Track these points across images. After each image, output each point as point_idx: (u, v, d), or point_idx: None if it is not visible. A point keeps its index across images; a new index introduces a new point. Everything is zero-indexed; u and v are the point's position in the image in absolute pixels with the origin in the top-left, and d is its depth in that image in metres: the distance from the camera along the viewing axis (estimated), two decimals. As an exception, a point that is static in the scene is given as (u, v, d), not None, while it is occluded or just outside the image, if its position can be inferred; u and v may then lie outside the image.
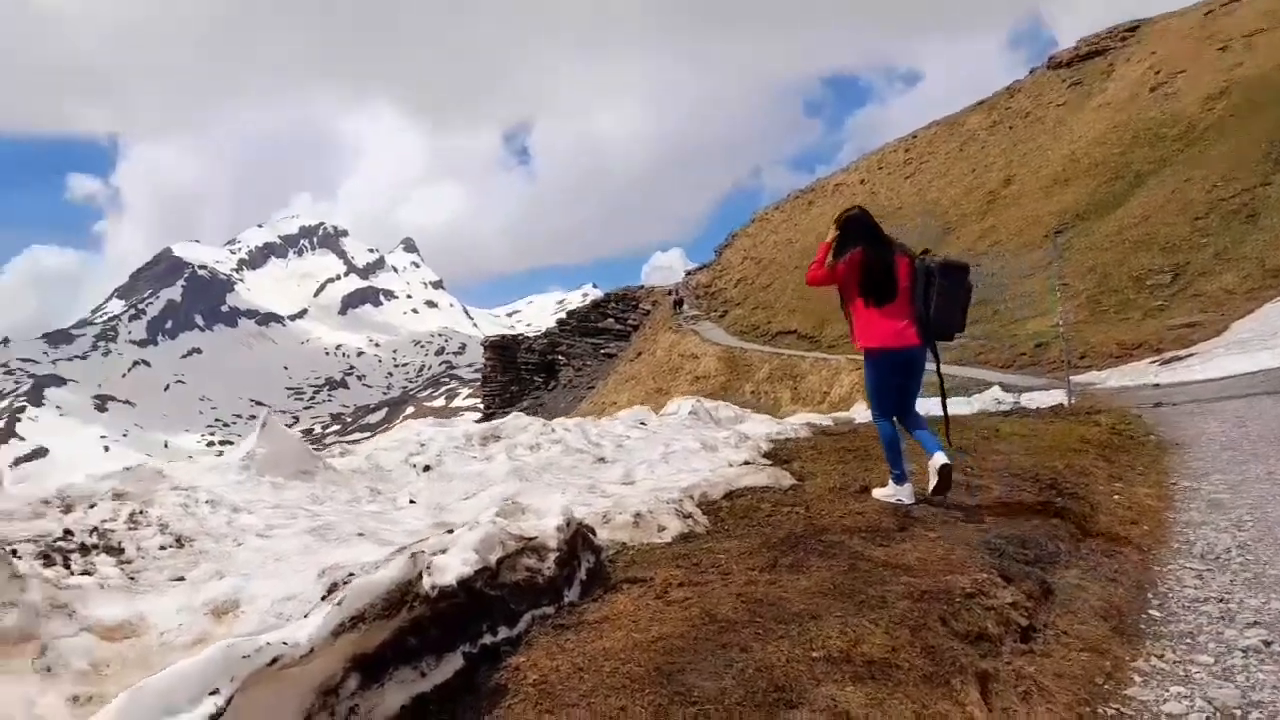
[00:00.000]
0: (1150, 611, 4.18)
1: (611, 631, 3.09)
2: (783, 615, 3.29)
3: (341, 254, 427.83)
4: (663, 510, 4.67)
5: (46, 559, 3.22)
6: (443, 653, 2.76)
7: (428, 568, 2.70)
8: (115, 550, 3.46)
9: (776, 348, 44.64)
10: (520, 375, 78.22)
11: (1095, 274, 30.31)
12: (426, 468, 5.67)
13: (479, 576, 3.07)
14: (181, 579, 3.42)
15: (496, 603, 3.09)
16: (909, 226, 45.97)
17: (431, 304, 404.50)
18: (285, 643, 2.16)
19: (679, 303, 61.82)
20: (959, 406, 14.86)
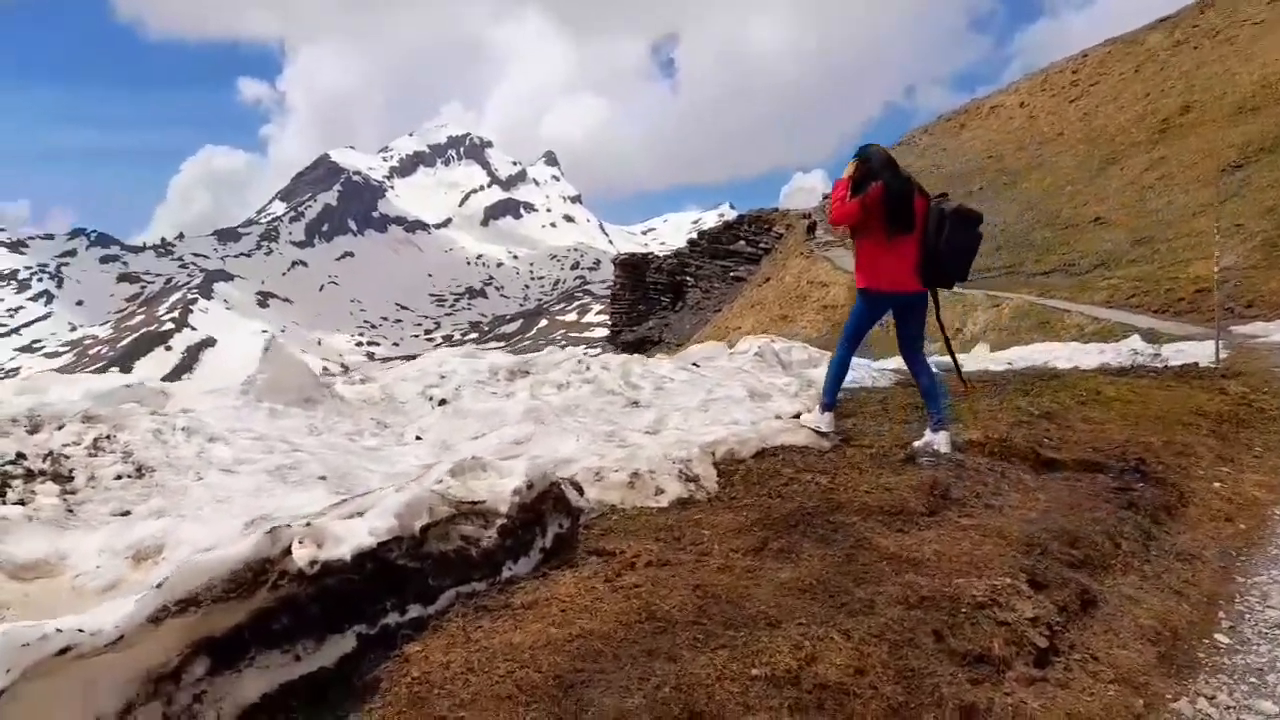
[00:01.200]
0: (1216, 636, 3.51)
1: (531, 621, 2.76)
2: (737, 617, 2.88)
3: (486, 165, 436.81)
4: (665, 470, 4.28)
5: (-18, 486, 3.15)
6: (326, 635, 2.50)
7: (300, 541, 2.42)
8: (64, 478, 3.38)
9: (909, 279, 42.77)
10: (648, 294, 78.12)
11: (1276, 215, 27.12)
12: (443, 401, 5.45)
13: (395, 545, 2.78)
14: (126, 514, 3.31)
15: (414, 576, 2.81)
16: (1069, 154, 42.55)
17: (569, 218, 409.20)
18: (82, 630, 1.93)
19: (812, 227, 60.00)
20: (1089, 356, 13.64)
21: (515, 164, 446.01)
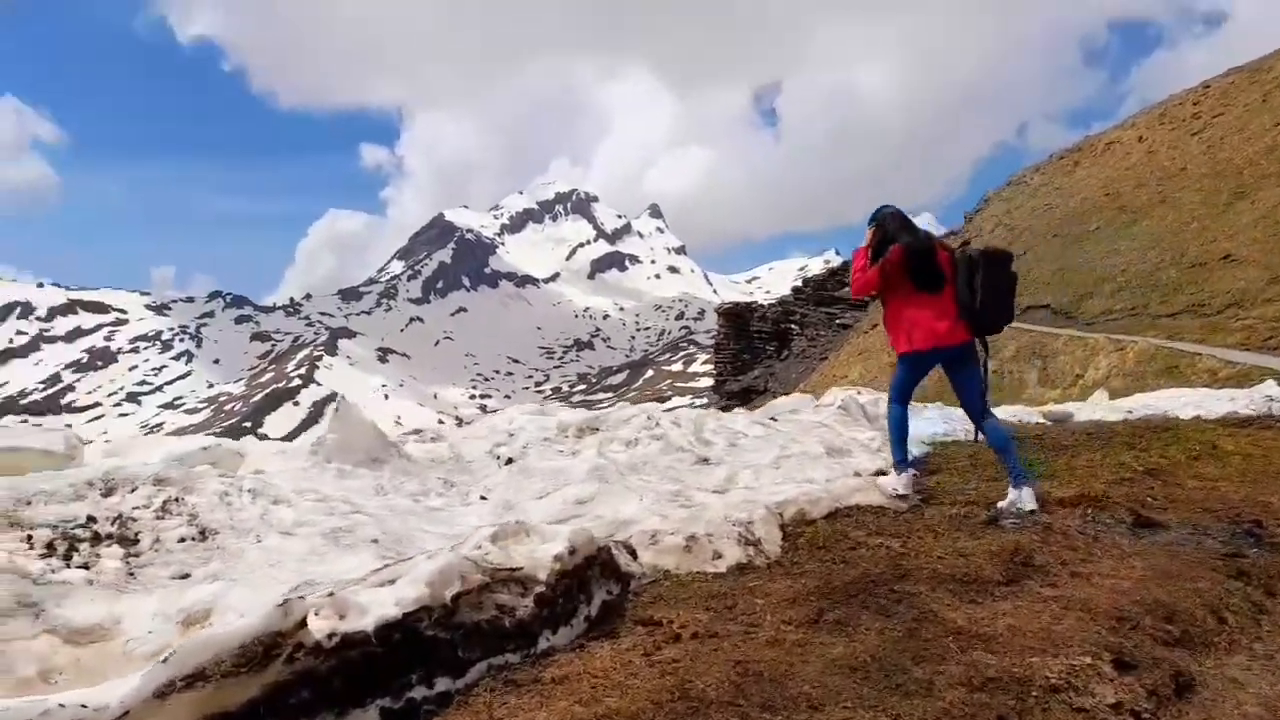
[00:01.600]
0: (1340, 731, 3.10)
1: (559, 698, 2.66)
2: (777, 697, 2.70)
3: (592, 219, 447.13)
4: (724, 534, 4.13)
5: (50, 548, 3.28)
6: (347, 709, 2.47)
7: (318, 612, 2.41)
8: (130, 540, 3.50)
9: (1025, 323, 41.09)
10: (753, 344, 77.65)
11: None
12: (509, 460, 5.46)
13: (424, 615, 2.75)
14: (186, 576, 3.40)
15: (443, 647, 2.77)
16: (1193, 189, 40.35)
17: (674, 269, 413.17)
18: (86, 705, 1.95)
19: (920, 270, 58.61)
20: (1218, 403, 12.70)
21: (620, 217, 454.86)
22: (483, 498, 4.96)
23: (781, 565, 4.01)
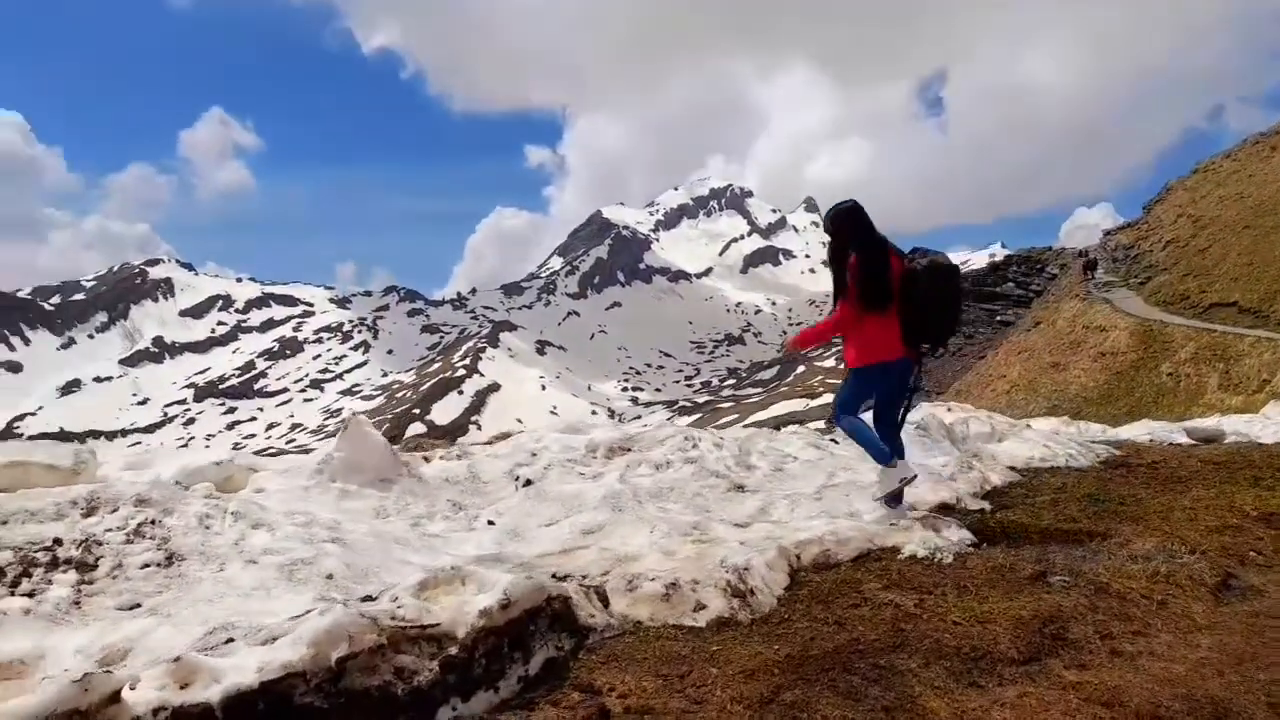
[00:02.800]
0: None
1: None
2: (669, 802, 2.33)
3: (746, 214, 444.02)
4: (712, 580, 3.74)
5: (1, 573, 3.32)
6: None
7: (132, 686, 2.24)
8: (89, 566, 3.50)
9: (1208, 322, 37.47)
10: (905, 340, 74.38)
11: None
12: (528, 482, 5.23)
13: (300, 681, 2.55)
14: (136, 606, 3.37)
15: (319, 719, 2.56)
16: None
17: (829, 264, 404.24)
18: None
19: (1090, 266, 54.71)
20: None
21: (775, 212, 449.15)
22: (490, 522, 4.76)
23: (767, 623, 3.58)
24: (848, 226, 5.06)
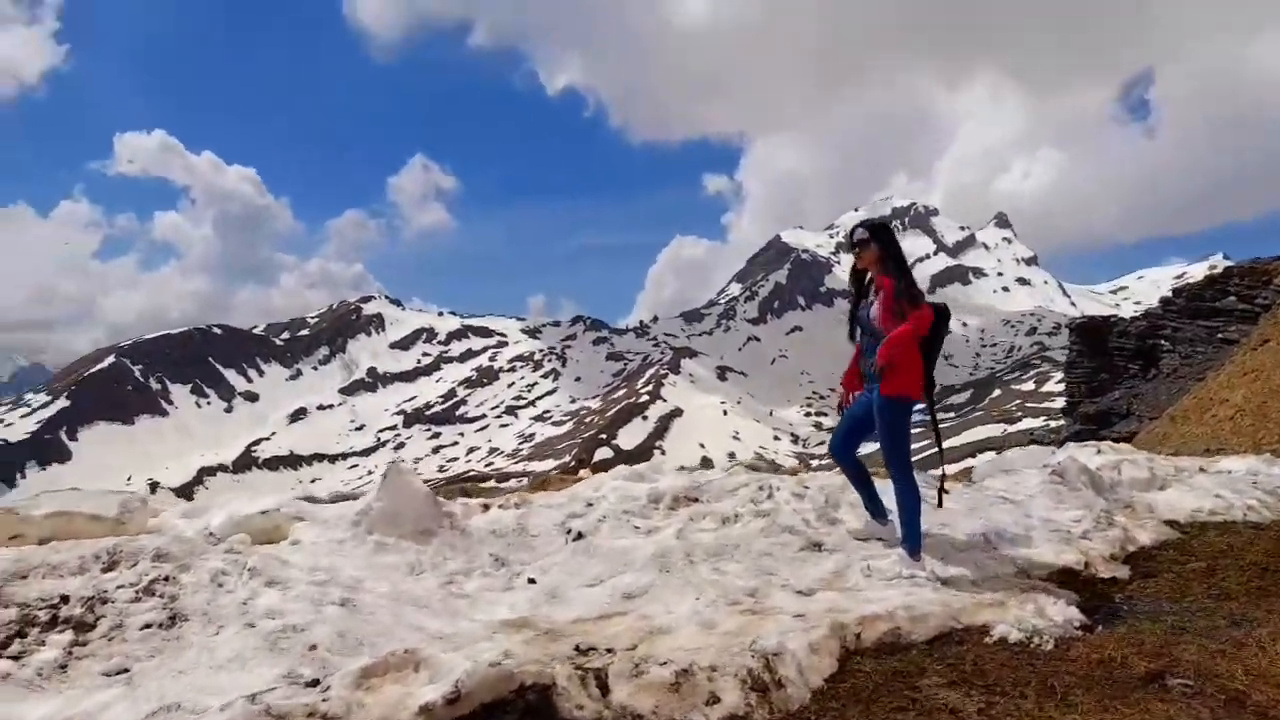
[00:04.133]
0: None
1: None
2: None
3: (931, 233, 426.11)
4: (731, 669, 3.25)
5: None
6: None
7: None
8: (86, 627, 3.50)
9: None
10: (1112, 362, 68.31)
11: None
12: (579, 536, 4.88)
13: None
14: (125, 671, 3.32)
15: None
16: None
17: (1023, 281, 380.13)
18: None
19: (1331, 275, 48.24)
20: None
21: (963, 229, 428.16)
22: (531, 581, 4.47)
23: (780, 722, 3.06)
24: (887, 241, 4.86)
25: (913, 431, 4.93)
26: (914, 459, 4.93)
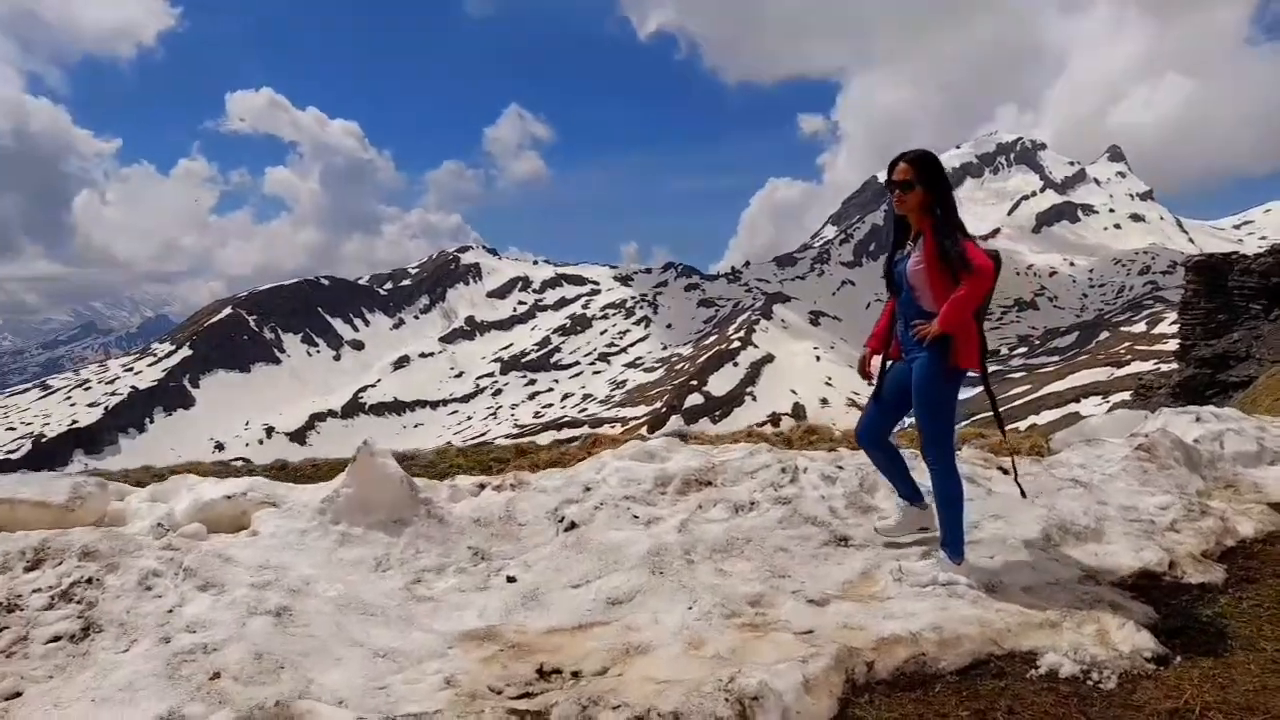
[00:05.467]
0: None
1: None
2: None
3: (1039, 168, 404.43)
4: (701, 711, 2.67)
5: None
6: None
7: None
8: (-12, 638, 3.15)
9: None
10: (1231, 302, 63.51)
11: None
12: (571, 525, 4.33)
13: None
14: (14, 697, 2.96)
15: None
16: None
17: (1137, 217, 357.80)
18: None
19: None
20: None
21: (1072, 164, 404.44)
22: (510, 579, 3.96)
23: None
24: (934, 178, 4.04)
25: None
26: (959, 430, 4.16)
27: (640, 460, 5.08)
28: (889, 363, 4.32)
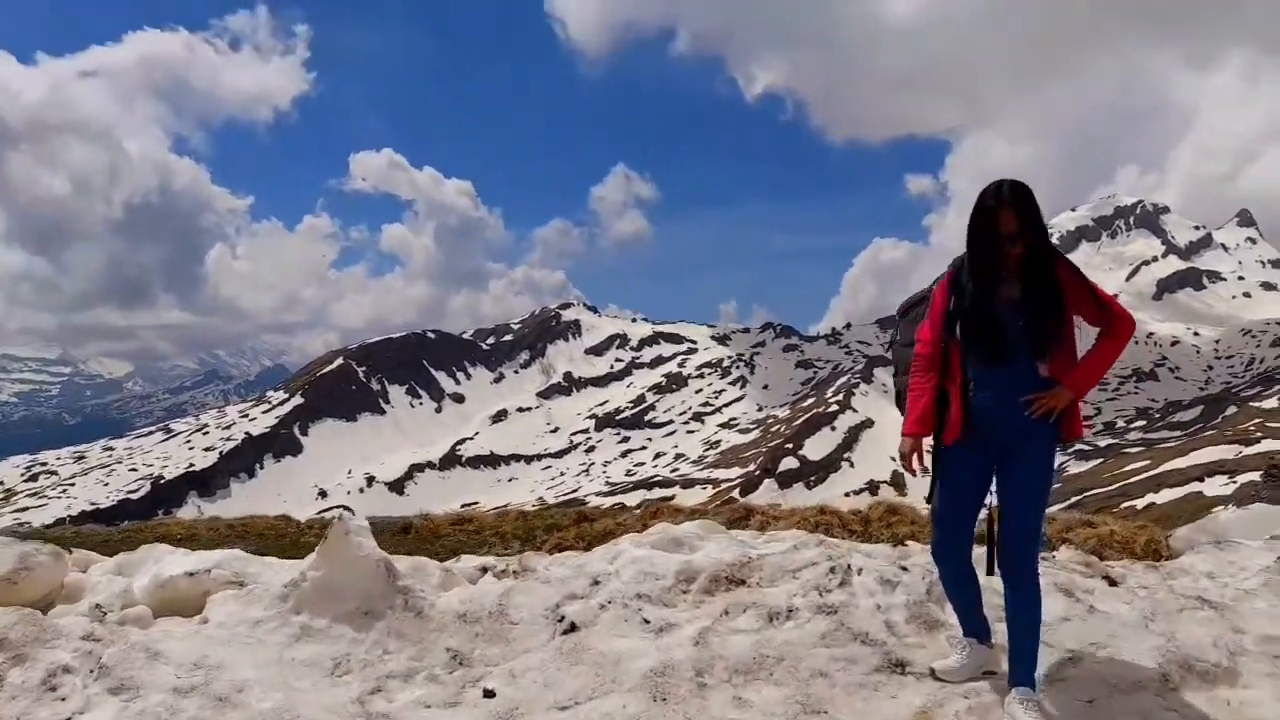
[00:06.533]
0: None
1: None
2: None
3: (1161, 233, 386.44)
4: None
5: None
6: None
7: None
8: None
9: None
10: (1382, 377, 58.09)
11: None
12: (571, 628, 3.64)
13: None
14: None
15: None
16: None
17: (1269, 286, 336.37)
18: None
19: None
20: None
21: (1198, 229, 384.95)
22: (488, 693, 3.30)
23: None
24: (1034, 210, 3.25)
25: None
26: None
27: (664, 549, 4.36)
28: (941, 448, 3.42)
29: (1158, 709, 3.10)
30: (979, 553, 3.35)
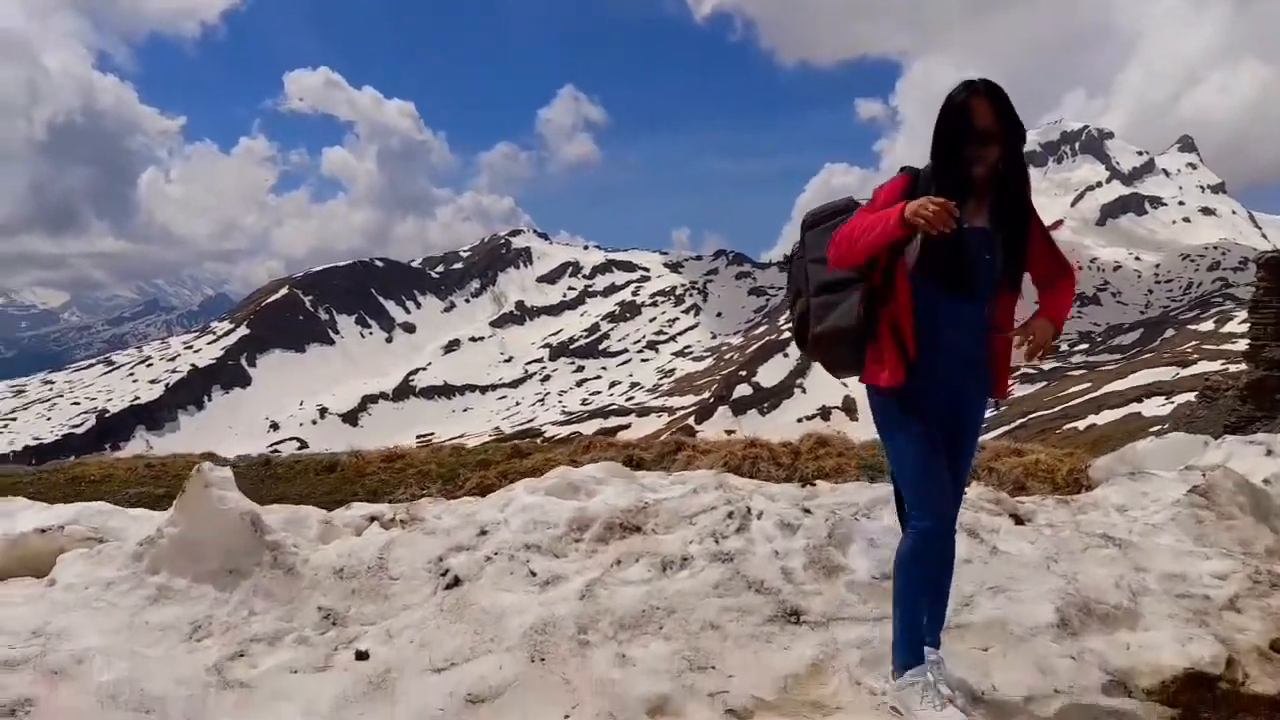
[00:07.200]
0: None
1: None
2: None
3: (1105, 158, 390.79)
4: None
5: None
6: None
7: None
8: None
9: None
10: (1313, 302, 60.29)
11: None
12: (454, 582, 3.44)
13: None
14: None
15: None
16: None
17: (1208, 211, 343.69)
18: None
19: None
20: None
21: (1141, 154, 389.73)
22: (361, 654, 3.09)
23: None
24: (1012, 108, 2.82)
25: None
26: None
27: (559, 495, 4.16)
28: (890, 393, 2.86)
29: (1053, 655, 3.01)
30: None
